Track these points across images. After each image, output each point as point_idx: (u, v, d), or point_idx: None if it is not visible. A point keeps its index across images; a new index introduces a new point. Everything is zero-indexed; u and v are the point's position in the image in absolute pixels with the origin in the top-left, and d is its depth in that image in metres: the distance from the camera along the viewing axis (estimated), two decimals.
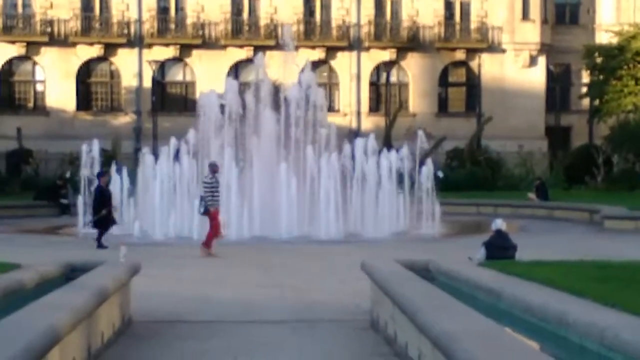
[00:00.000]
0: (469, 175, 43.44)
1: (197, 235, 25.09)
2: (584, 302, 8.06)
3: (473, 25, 50.85)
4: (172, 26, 49.66)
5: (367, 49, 50.26)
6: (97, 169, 28.65)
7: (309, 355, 9.59)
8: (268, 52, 48.81)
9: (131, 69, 49.37)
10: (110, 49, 49.09)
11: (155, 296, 13.26)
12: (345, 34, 50.06)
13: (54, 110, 48.91)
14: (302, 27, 49.62)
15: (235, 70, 48.68)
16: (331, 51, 50.13)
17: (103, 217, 22.27)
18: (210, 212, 20.45)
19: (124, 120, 49.37)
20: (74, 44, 48.61)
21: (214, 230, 20.52)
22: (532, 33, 50.67)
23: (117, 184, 28.00)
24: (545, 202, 34.20)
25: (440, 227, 28.09)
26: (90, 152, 29.40)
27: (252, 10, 50.17)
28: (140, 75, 49.19)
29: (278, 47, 47.09)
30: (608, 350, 6.57)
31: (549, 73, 51.96)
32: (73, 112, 49.01)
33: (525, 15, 50.57)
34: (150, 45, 48.99)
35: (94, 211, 22.74)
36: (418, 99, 50.88)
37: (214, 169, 21.14)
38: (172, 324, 11.36)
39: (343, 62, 50.42)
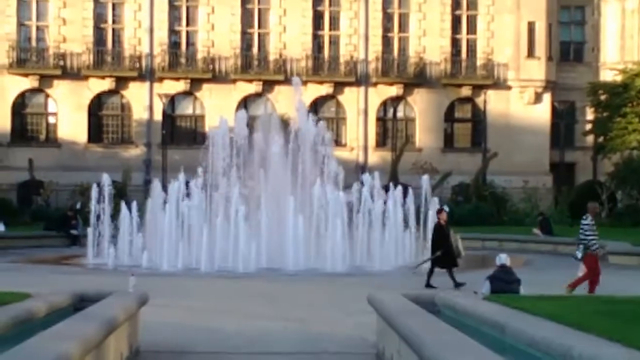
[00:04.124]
0: (474, 210, 43.38)
1: (204, 267, 25.14)
2: (588, 336, 8.01)
3: (479, 62, 51.01)
4: (183, 60, 49.90)
5: (375, 84, 50.42)
6: (107, 202, 28.67)
7: None
8: (277, 87, 49.20)
9: (142, 102, 49.56)
10: (121, 82, 49.31)
11: (162, 326, 13.22)
12: (353, 69, 50.23)
13: (65, 142, 49.07)
14: (310, 63, 49.84)
15: (245, 104, 48.79)
16: (339, 86, 50.28)
17: (440, 256, 20.63)
18: (590, 255, 18.40)
19: (135, 152, 49.49)
20: (86, 77, 48.86)
21: (594, 274, 18.37)
22: (537, 70, 50.81)
23: (127, 215, 28.09)
24: (550, 237, 34.10)
25: None
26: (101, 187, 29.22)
27: (262, 46, 50.41)
28: (150, 108, 49.37)
29: (287, 81, 47.46)
30: None
31: (554, 110, 51.98)
32: (84, 144, 49.16)
33: (530, 53, 50.73)
34: (161, 79, 49.21)
35: (433, 249, 21.18)
36: (424, 134, 50.94)
37: (595, 210, 19.34)
38: (179, 355, 11.32)
39: (350, 97, 50.54)
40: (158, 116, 48.91)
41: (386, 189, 29.39)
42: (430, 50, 50.57)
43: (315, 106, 49.07)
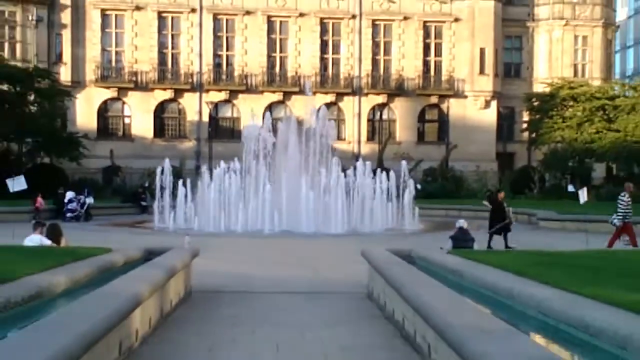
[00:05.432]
0: (440, 188, 43.35)
1: (240, 229, 25.14)
2: (525, 280, 8.01)
3: (444, 77, 50.82)
4: (224, 77, 49.79)
5: (366, 94, 50.31)
6: (168, 181, 28.67)
7: (320, 316, 9.54)
8: (294, 96, 49.09)
9: (194, 107, 49.54)
10: (178, 93, 49.28)
11: (209, 273, 13.23)
12: (350, 83, 50.11)
13: (137, 137, 49.09)
14: (318, 78, 49.71)
15: (270, 109, 48.72)
16: (339, 96, 50.18)
17: (502, 226, 19.56)
18: (625, 225, 17.91)
19: (188, 145, 49.49)
20: (152, 89, 48.83)
21: (633, 238, 17.93)
22: (486, 84, 50.60)
23: (182, 191, 28.09)
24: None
25: (419, 225, 28.02)
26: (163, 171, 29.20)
27: (282, 65, 50.27)
28: (200, 112, 49.34)
29: (301, 92, 47.34)
30: (544, 316, 6.53)
31: (499, 113, 51.83)
32: (151, 138, 49.18)
33: (481, 71, 50.53)
34: (207, 91, 49.17)
35: (492, 220, 20.12)
36: (403, 131, 50.84)
37: (629, 188, 18.66)
38: (221, 294, 11.34)
39: (348, 104, 50.46)
40: (205, 118, 48.89)
41: (374, 172, 29.33)
42: (407, 69, 50.41)
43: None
